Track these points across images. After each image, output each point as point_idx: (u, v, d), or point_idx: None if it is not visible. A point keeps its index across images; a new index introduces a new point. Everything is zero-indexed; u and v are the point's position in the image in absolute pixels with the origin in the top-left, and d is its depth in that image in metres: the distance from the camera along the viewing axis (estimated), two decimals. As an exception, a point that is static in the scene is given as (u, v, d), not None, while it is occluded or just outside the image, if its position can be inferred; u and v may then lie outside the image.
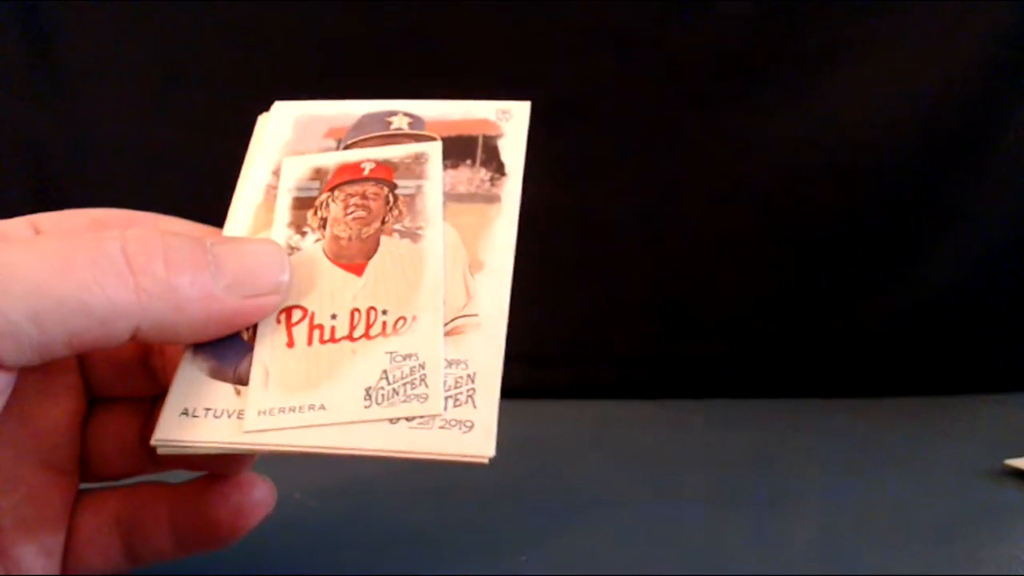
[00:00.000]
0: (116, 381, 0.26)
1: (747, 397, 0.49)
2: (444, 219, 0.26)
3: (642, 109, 0.50)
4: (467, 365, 0.23)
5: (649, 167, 0.51)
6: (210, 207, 0.27)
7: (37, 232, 0.24)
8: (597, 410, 0.48)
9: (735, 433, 0.44)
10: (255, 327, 0.24)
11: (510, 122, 0.28)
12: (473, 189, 0.26)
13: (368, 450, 0.22)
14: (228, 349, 0.24)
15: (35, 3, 0.49)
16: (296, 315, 0.24)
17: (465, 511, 0.34)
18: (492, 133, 0.27)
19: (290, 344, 0.24)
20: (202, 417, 0.23)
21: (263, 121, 0.29)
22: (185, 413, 0.23)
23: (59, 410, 0.25)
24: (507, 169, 0.26)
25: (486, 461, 0.21)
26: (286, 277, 0.24)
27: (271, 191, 0.27)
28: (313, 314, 0.24)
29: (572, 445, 0.43)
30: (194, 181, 0.49)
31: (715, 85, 0.49)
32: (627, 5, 0.49)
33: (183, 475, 0.26)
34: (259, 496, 0.25)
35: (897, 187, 0.50)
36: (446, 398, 0.22)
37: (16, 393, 0.22)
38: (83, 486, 0.26)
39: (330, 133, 0.28)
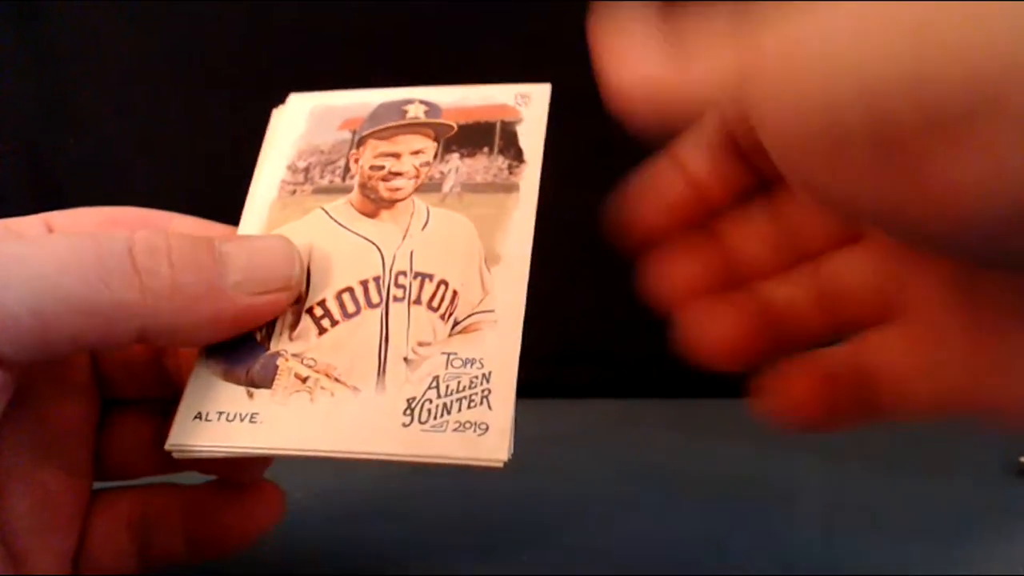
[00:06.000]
0: (130, 383, 0.26)
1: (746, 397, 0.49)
2: (459, 210, 0.25)
3: None
4: (482, 364, 0.22)
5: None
6: (219, 204, 0.27)
7: (50, 230, 0.24)
8: (597, 410, 0.48)
9: (735, 433, 0.44)
10: (268, 327, 0.23)
11: (529, 106, 0.26)
12: (490, 178, 0.25)
13: (378, 454, 0.21)
14: (241, 350, 0.23)
15: (35, 3, 0.49)
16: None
17: (465, 511, 0.34)
18: (511, 119, 0.26)
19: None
20: (215, 421, 0.22)
21: (277, 115, 0.28)
22: (199, 417, 0.22)
23: (73, 412, 0.25)
24: (526, 156, 0.25)
25: (501, 465, 0.20)
26: (297, 272, 0.23)
27: (285, 187, 0.26)
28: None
29: (573, 445, 0.43)
30: (201, 177, 0.48)
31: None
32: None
33: (197, 477, 0.26)
34: (270, 504, 0.25)
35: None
36: (459, 399, 0.22)
37: (30, 395, 0.22)
38: (97, 485, 0.26)
39: (345, 124, 0.27)
